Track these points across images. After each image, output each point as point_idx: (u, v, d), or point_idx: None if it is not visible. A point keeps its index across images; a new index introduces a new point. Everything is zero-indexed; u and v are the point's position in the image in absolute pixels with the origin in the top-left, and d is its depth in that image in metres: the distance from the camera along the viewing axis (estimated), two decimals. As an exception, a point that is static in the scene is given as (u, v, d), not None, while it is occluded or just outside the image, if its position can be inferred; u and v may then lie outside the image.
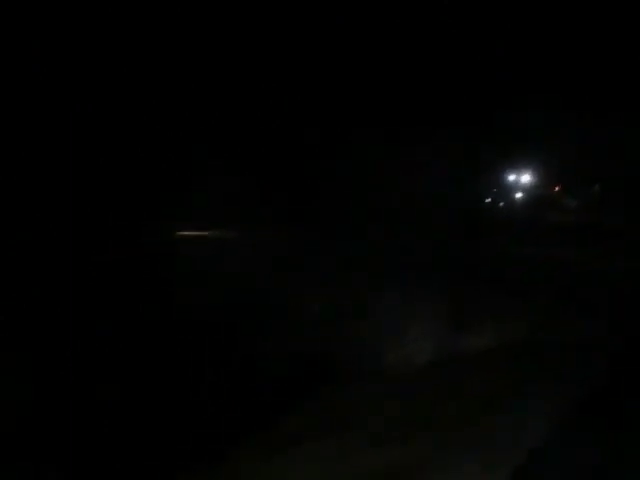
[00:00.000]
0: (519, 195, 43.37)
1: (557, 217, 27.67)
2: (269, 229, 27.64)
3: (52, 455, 6.75)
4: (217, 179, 31.07)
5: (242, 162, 32.28)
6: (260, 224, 28.95)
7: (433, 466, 5.08)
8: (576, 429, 4.74)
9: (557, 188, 36.76)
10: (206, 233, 29.34)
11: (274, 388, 8.52)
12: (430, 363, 9.04)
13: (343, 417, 7.06)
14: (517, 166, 40.95)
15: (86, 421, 7.55)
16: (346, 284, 13.66)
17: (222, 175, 31.22)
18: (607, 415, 4.82)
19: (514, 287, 11.36)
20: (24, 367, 8.54)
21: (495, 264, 14.69)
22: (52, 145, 18.55)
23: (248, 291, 14.55)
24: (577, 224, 24.25)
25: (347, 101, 33.50)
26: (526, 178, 41.87)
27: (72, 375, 8.56)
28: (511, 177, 42.90)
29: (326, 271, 14.51)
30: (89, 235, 15.18)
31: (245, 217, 30.20)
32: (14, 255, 12.31)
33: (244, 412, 7.80)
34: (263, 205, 30.21)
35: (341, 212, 28.99)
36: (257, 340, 10.83)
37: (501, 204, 45.28)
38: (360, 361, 9.70)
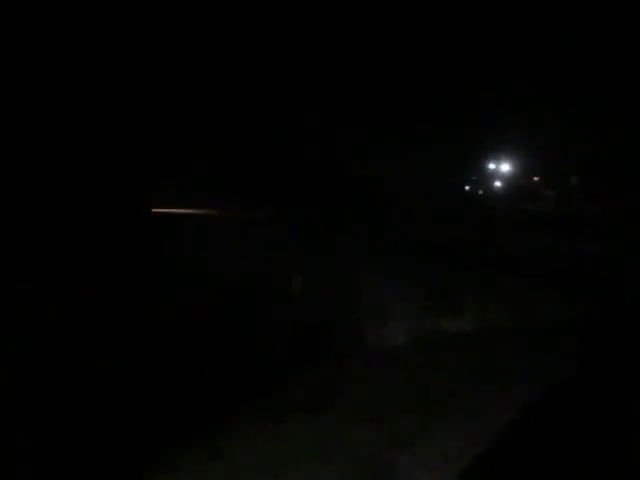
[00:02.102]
0: (498, 184, 43.84)
1: (535, 206, 28.06)
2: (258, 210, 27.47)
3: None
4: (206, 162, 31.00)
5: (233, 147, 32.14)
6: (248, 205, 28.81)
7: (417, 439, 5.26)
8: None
9: (536, 178, 37.26)
10: (189, 211, 29.06)
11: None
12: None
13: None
14: (497, 155, 41.36)
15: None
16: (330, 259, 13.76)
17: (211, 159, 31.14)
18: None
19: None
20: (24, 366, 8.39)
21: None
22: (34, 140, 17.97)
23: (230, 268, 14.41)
24: (555, 213, 24.70)
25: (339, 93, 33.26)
26: (506, 167, 42.31)
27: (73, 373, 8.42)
28: (491, 165, 43.29)
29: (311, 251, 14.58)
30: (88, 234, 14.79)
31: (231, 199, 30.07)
32: (15, 255, 12.02)
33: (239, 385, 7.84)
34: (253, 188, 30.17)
35: (333, 197, 29.00)
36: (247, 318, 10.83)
37: (480, 192, 45.78)
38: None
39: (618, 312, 7.48)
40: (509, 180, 42.20)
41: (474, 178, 46.65)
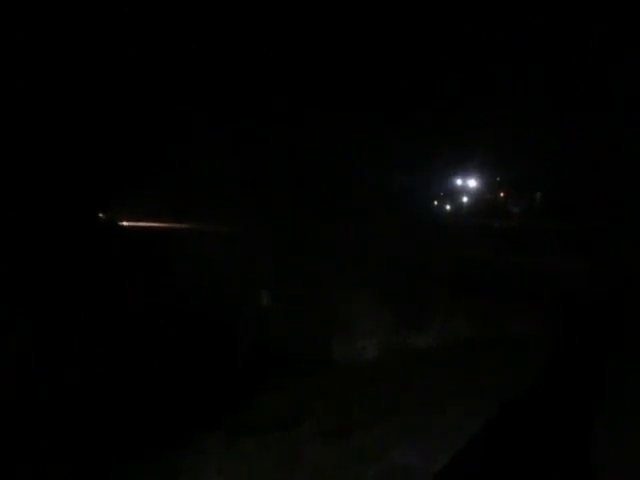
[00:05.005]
0: (465, 199, 44.72)
1: (500, 222, 28.51)
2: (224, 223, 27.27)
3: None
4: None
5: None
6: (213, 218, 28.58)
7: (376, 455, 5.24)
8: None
9: (502, 194, 38.16)
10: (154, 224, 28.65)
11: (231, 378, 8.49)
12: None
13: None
14: (465, 170, 42.20)
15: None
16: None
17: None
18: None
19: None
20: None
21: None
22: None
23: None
24: (518, 229, 25.15)
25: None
26: (472, 182, 43.20)
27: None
28: (458, 181, 44.14)
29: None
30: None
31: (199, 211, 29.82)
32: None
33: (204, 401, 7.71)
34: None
35: (295, 212, 29.08)
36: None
37: (447, 207, 46.65)
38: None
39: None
40: (476, 195, 43.14)
41: (442, 194, 47.56)
